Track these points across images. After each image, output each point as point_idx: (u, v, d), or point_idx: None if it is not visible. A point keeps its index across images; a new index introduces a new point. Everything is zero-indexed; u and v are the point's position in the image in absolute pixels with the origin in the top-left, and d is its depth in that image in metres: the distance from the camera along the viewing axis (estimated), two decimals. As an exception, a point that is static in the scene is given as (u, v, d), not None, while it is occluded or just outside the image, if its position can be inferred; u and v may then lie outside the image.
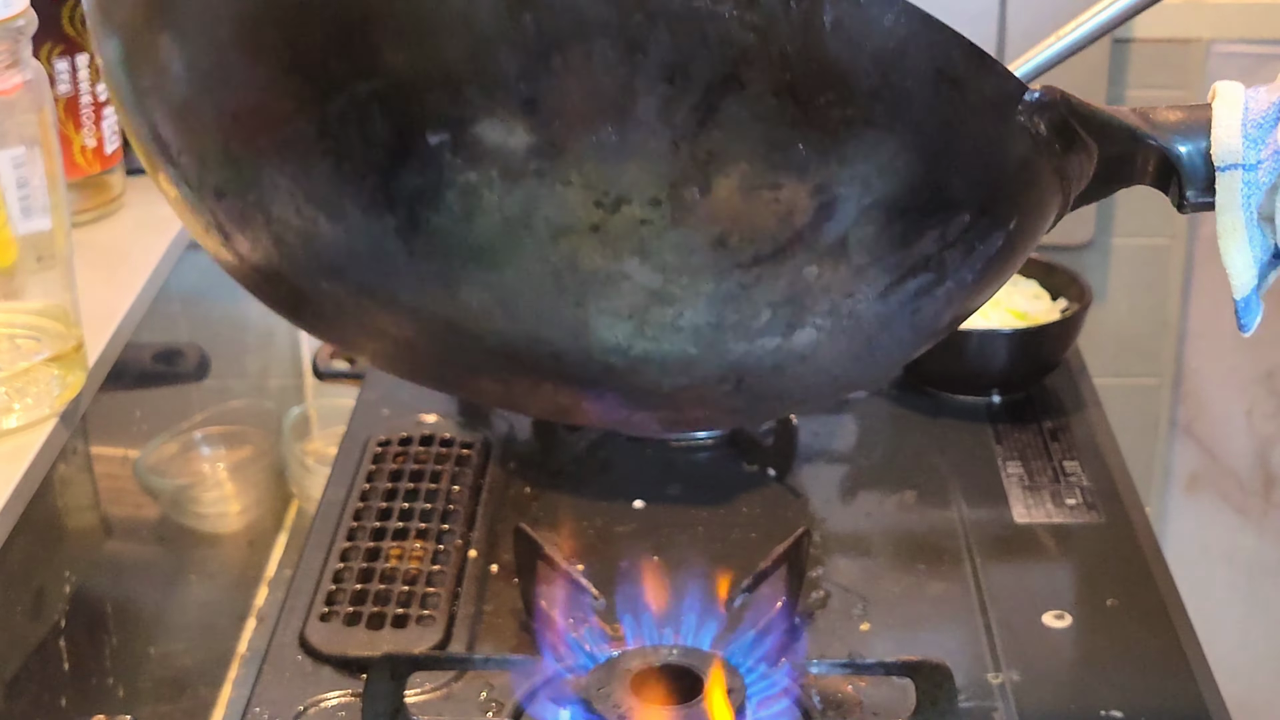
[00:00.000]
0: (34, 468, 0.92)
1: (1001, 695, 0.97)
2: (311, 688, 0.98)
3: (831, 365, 0.62)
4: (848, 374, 0.64)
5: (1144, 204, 1.56)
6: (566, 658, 0.97)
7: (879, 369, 0.65)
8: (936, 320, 0.64)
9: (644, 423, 0.67)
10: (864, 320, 0.60)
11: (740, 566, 1.06)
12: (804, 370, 0.62)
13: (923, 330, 0.64)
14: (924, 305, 0.61)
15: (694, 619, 1.00)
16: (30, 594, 0.94)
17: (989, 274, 0.64)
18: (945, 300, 0.63)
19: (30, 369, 0.95)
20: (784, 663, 0.97)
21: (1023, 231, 0.63)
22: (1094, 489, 1.18)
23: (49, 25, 1.12)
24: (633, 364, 0.59)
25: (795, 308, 0.59)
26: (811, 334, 0.60)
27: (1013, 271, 0.67)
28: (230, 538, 1.39)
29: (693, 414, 0.66)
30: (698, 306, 0.58)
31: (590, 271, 0.56)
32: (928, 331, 0.65)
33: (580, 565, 1.07)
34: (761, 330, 0.59)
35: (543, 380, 0.62)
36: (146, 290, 1.12)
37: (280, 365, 1.56)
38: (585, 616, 1.02)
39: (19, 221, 0.93)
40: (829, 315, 0.60)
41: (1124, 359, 1.60)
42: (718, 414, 0.66)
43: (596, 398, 0.63)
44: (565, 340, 0.58)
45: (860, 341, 0.61)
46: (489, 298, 0.57)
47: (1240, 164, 0.66)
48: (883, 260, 0.59)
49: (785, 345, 0.60)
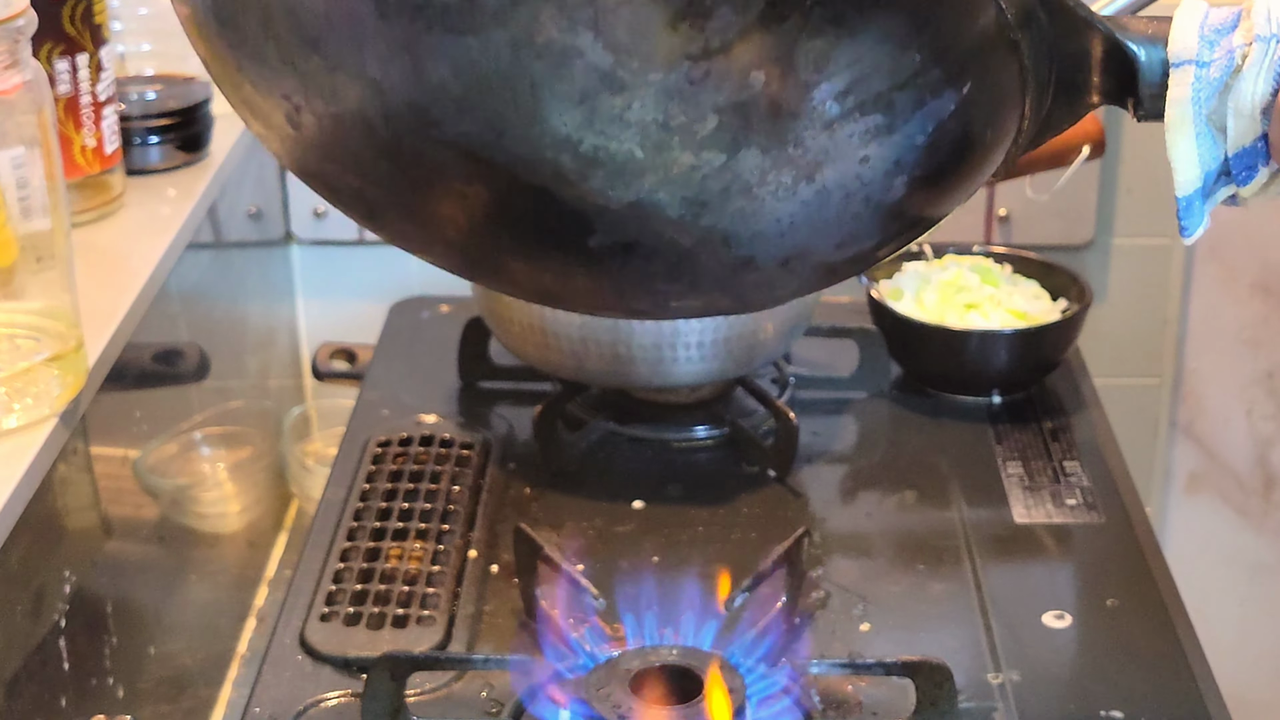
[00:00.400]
0: (34, 468, 0.92)
1: (1001, 695, 0.97)
2: (311, 688, 0.98)
3: (780, 209, 0.63)
4: (798, 229, 0.64)
5: (1144, 204, 1.56)
6: (566, 658, 0.97)
7: (830, 233, 0.65)
8: (887, 186, 0.64)
9: (610, 288, 0.67)
10: (810, 153, 0.61)
11: (740, 566, 1.06)
12: (752, 211, 0.62)
13: (873, 191, 0.64)
14: (873, 155, 0.62)
15: (694, 619, 1.00)
16: (30, 594, 0.94)
17: (941, 145, 0.64)
18: (895, 160, 0.63)
19: (30, 369, 0.95)
20: (784, 663, 0.97)
21: (976, 107, 0.63)
22: (1094, 489, 1.18)
23: (49, 25, 1.12)
24: (582, 166, 0.60)
25: (741, 119, 0.60)
26: (757, 157, 0.61)
27: (970, 174, 0.67)
28: (230, 538, 1.39)
29: (652, 270, 0.66)
30: (645, 99, 0.59)
31: (545, 44, 0.58)
32: (878, 197, 0.64)
33: (580, 565, 1.07)
34: (707, 140, 0.60)
35: (502, 203, 0.63)
36: (146, 290, 1.12)
37: (280, 366, 1.56)
38: (585, 616, 1.02)
39: (19, 222, 0.93)
40: (774, 138, 0.60)
41: (1124, 359, 1.60)
42: (674, 274, 0.66)
43: (555, 233, 0.64)
44: (518, 129, 0.60)
45: (806, 182, 0.62)
46: (450, 73, 0.59)
47: (1193, 60, 0.68)
48: (829, 80, 0.59)
49: (731, 167, 0.61)
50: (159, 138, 1.30)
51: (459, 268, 0.71)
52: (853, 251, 0.67)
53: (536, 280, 0.69)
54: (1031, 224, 1.54)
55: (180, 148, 1.31)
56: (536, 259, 0.67)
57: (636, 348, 1.19)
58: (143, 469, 1.17)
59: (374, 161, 0.64)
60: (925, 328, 1.30)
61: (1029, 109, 0.66)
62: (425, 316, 1.45)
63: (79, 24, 1.15)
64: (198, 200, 1.27)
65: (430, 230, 0.68)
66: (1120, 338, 1.60)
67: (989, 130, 0.65)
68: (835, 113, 0.60)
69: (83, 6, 1.15)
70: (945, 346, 1.30)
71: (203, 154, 1.33)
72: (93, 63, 1.17)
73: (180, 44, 1.32)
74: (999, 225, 1.55)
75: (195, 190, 1.28)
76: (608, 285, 0.67)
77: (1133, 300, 1.59)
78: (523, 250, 0.66)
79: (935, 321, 1.30)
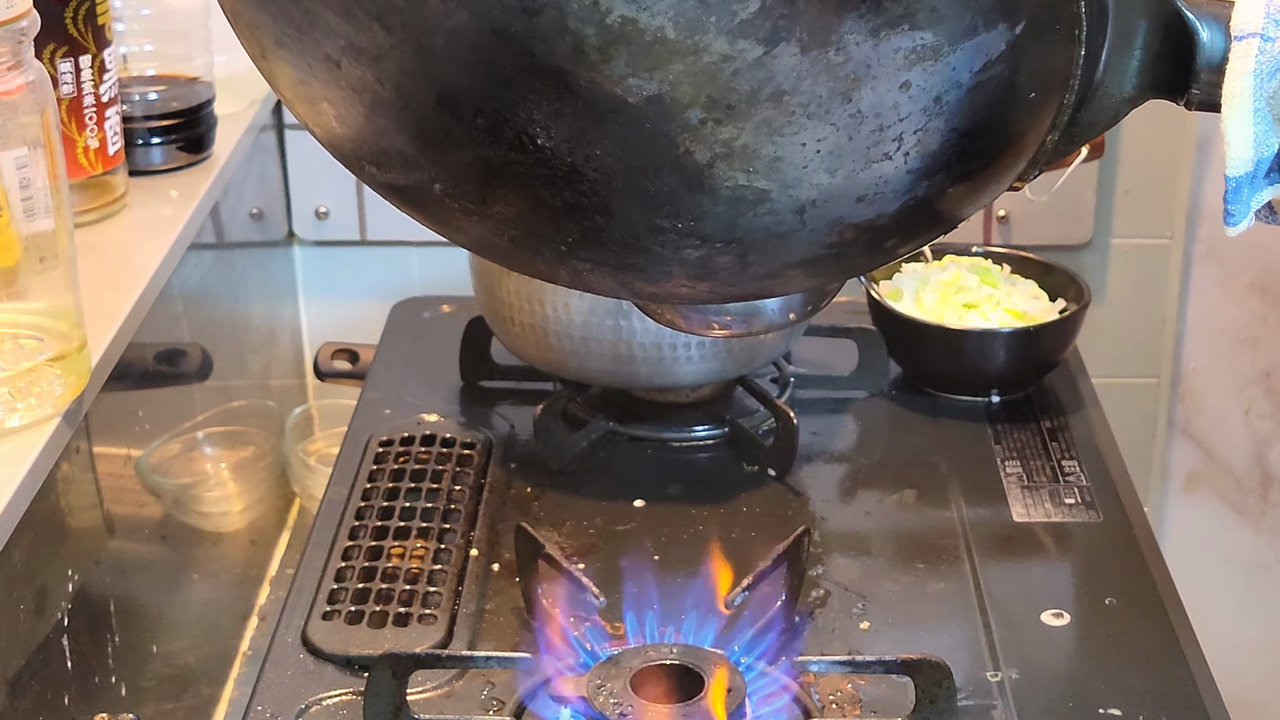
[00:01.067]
0: (37, 467, 0.92)
1: (1000, 693, 0.98)
2: (314, 686, 0.98)
3: (808, 130, 0.57)
4: (823, 163, 0.58)
5: (1142, 205, 1.56)
6: (567, 656, 0.97)
7: (854, 180, 0.59)
8: (923, 129, 0.59)
9: (603, 222, 0.60)
10: (851, 63, 0.56)
11: (740, 565, 1.07)
12: (779, 125, 0.57)
13: (906, 132, 0.58)
14: (915, 82, 0.57)
15: (694, 617, 1.00)
16: (33, 593, 0.94)
17: (984, 92, 0.59)
18: (936, 96, 0.58)
19: (33, 369, 0.95)
20: (784, 661, 0.97)
21: (1025, 55, 0.59)
22: (1092, 488, 1.19)
23: (52, 26, 1.12)
24: (606, 42, 0.55)
25: (786, 5, 0.54)
26: (795, 57, 0.55)
27: (1006, 147, 0.62)
28: (232, 537, 1.39)
29: (657, 196, 0.59)
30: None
31: None
32: (910, 144, 0.59)
33: (581, 564, 1.08)
34: (746, 24, 0.55)
35: (512, 88, 0.57)
36: (149, 290, 1.13)
37: (282, 366, 1.57)
38: (586, 615, 1.02)
39: (22, 222, 0.93)
40: (816, 36, 0.55)
41: (1122, 359, 1.61)
42: (679, 204, 0.59)
43: (563, 131, 0.57)
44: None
45: (842, 100, 0.57)
46: None
47: (1258, 33, 0.64)
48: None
49: (766, 64, 0.55)
50: (161, 138, 1.30)
51: (447, 184, 0.63)
52: (871, 214, 0.61)
53: (525, 216, 0.62)
54: (1030, 224, 1.54)
55: (183, 148, 1.31)
56: (534, 176, 0.59)
57: (637, 347, 1.19)
58: (145, 468, 1.17)
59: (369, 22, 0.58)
60: (925, 327, 1.30)
61: (1077, 77, 0.62)
62: (427, 316, 1.45)
63: (82, 25, 1.16)
64: (200, 201, 1.27)
65: (429, 131, 0.61)
66: (1118, 338, 1.60)
67: (1034, 90, 0.61)
68: (884, 17, 0.55)
69: (85, 8, 1.16)
70: (944, 346, 1.30)
71: (205, 155, 1.33)
72: (95, 64, 1.17)
73: (183, 45, 1.33)
74: (998, 226, 1.55)
75: (198, 191, 1.28)
76: (601, 218, 0.60)
77: (1131, 300, 1.60)
78: (523, 160, 0.59)
79: (934, 321, 1.31)
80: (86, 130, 1.18)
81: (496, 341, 1.31)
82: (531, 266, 0.66)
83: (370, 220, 1.54)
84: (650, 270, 0.63)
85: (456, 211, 0.63)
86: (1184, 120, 1.52)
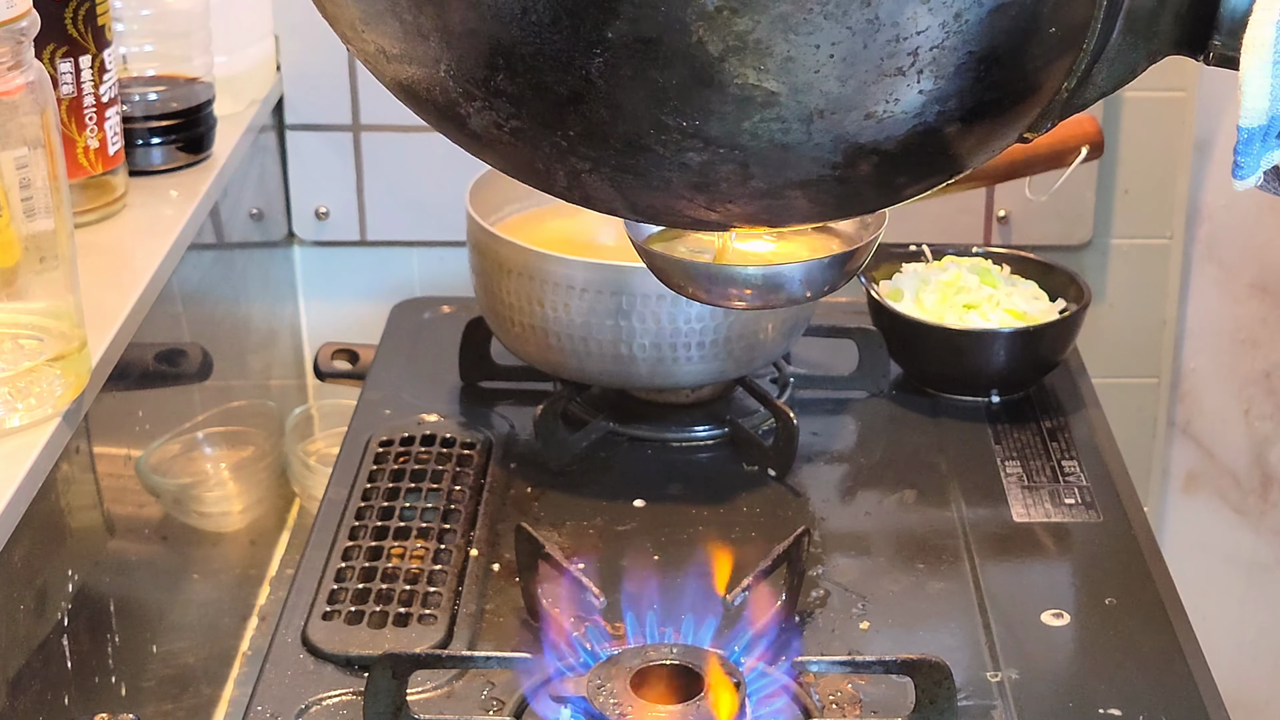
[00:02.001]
0: (37, 467, 0.92)
1: (1000, 693, 0.98)
2: (314, 686, 0.98)
3: (823, 30, 0.56)
4: (835, 68, 0.57)
5: (1142, 205, 1.56)
6: (567, 656, 0.97)
7: (865, 91, 0.58)
8: (939, 46, 0.57)
9: (609, 113, 0.58)
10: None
11: (740, 565, 1.07)
12: (795, 22, 0.55)
13: (923, 46, 0.57)
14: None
15: (694, 617, 1.00)
16: (33, 593, 0.94)
17: (1007, 13, 0.57)
18: (955, 9, 0.56)
19: (33, 369, 0.95)
20: (784, 661, 0.97)
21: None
22: (1092, 488, 1.19)
23: (52, 27, 1.13)
24: None
25: None
26: None
27: (1022, 86, 0.60)
28: (232, 537, 1.39)
29: (665, 88, 0.57)
30: None
31: None
32: (925, 60, 0.57)
33: (581, 564, 1.08)
34: None
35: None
36: (149, 290, 1.13)
37: (282, 366, 1.57)
38: (586, 615, 1.02)
39: (22, 222, 0.93)
40: None
41: (1122, 359, 1.61)
42: (688, 97, 0.57)
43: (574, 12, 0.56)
44: None
45: (860, 1, 0.55)
46: None
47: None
48: None
49: None
50: (161, 139, 1.30)
51: (452, 65, 0.61)
52: (879, 135, 0.59)
53: (529, 101, 0.60)
54: (1030, 225, 1.54)
55: (182, 149, 1.31)
56: (542, 58, 0.58)
57: (637, 348, 1.19)
58: (145, 468, 1.17)
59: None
60: (925, 328, 1.30)
61: (1099, 19, 0.60)
62: (426, 317, 1.45)
63: (82, 25, 1.16)
64: (200, 201, 1.27)
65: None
66: (1118, 338, 1.60)
67: (1054, 25, 0.59)
68: None
69: (85, 8, 1.16)
70: (944, 346, 1.31)
71: (205, 155, 1.33)
72: (95, 64, 1.17)
73: (183, 45, 1.34)
74: (998, 226, 1.55)
75: (197, 191, 1.28)
76: (606, 110, 0.58)
77: (1131, 300, 1.60)
78: (532, 41, 0.57)
79: (934, 321, 1.31)
80: (86, 130, 1.18)
81: (496, 342, 1.31)
82: (530, 166, 0.64)
83: (370, 220, 1.54)
84: (650, 175, 0.61)
85: (460, 98, 0.61)
86: (1184, 120, 1.52)
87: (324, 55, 1.50)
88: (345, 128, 1.52)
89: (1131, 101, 1.52)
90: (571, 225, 1.28)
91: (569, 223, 1.29)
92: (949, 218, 1.52)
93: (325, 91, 1.51)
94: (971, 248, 1.40)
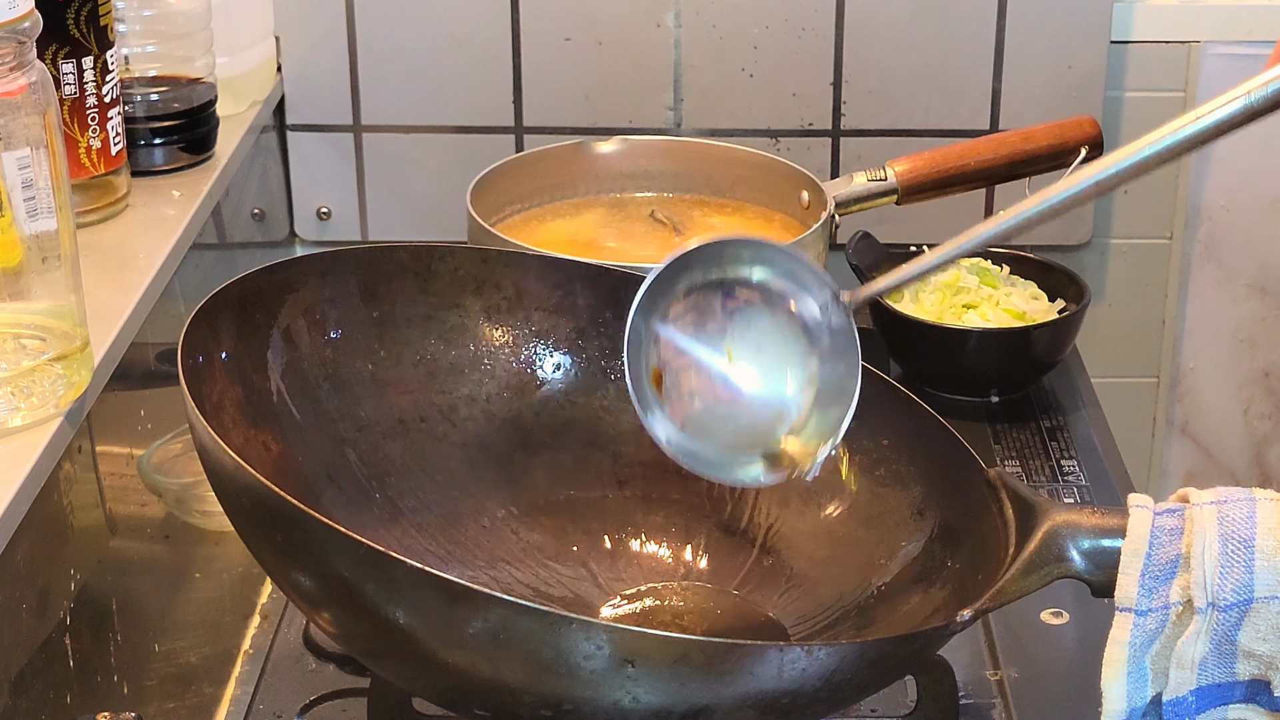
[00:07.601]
0: (39, 467, 0.92)
1: (1000, 692, 0.98)
2: (316, 685, 0.99)
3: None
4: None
5: (1141, 204, 1.57)
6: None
7: None
8: None
9: None
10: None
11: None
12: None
13: None
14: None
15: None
16: (35, 592, 0.95)
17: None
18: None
19: (35, 368, 0.95)
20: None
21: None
22: (1091, 487, 1.19)
23: (54, 27, 1.13)
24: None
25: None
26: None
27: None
28: (234, 536, 1.38)
29: None
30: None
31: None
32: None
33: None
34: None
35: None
36: (151, 290, 1.13)
37: (283, 365, 1.57)
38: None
39: (25, 222, 0.93)
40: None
41: (1121, 358, 1.61)
42: None
43: None
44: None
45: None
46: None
47: (1133, 609, 0.78)
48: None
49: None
50: (164, 139, 1.31)
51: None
52: None
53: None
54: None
55: (185, 149, 1.32)
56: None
57: (637, 347, 1.19)
58: (147, 468, 1.18)
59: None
60: (924, 327, 1.30)
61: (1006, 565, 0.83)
62: (427, 316, 1.45)
63: (84, 26, 1.16)
64: (202, 201, 1.27)
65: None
66: (1117, 337, 1.60)
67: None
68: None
69: (88, 9, 1.16)
70: (944, 346, 1.31)
71: (207, 155, 1.34)
72: (98, 65, 1.18)
73: (185, 46, 1.34)
74: (998, 225, 1.55)
75: (200, 191, 1.28)
76: None
77: (1130, 300, 1.60)
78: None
79: (934, 321, 1.31)
80: (89, 131, 1.18)
81: (497, 341, 1.31)
82: None
83: (372, 220, 1.55)
84: None
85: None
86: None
87: (324, 56, 1.50)
88: (346, 128, 1.52)
89: (1131, 101, 1.52)
90: (572, 226, 1.28)
91: (569, 223, 1.28)
92: (949, 218, 1.52)
93: (326, 92, 1.51)
94: (971, 248, 1.40)
